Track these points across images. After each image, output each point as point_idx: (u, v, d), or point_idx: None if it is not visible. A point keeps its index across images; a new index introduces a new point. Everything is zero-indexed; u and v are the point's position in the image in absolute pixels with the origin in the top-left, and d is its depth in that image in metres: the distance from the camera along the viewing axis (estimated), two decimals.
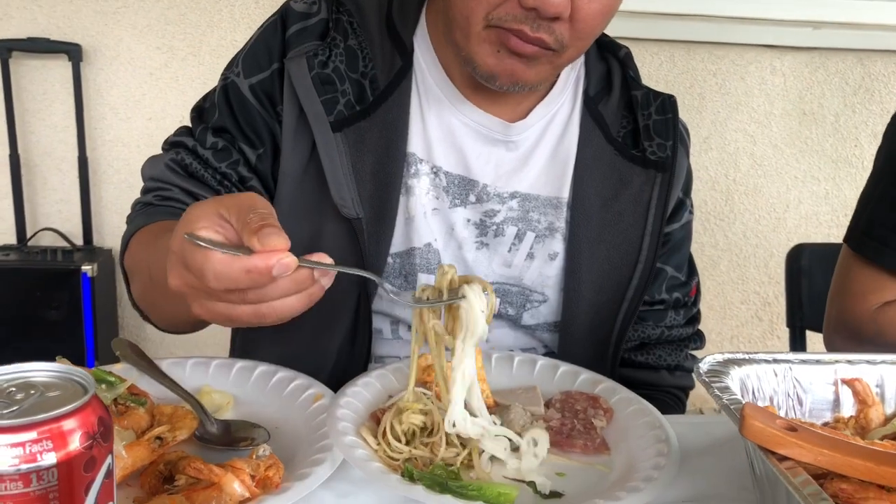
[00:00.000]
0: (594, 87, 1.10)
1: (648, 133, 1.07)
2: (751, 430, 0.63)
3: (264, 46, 1.03)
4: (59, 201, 2.49)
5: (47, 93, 2.41)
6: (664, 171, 1.07)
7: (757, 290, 2.72)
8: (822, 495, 0.57)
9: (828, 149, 2.61)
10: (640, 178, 1.07)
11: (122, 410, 0.77)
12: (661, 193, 1.06)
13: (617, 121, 1.09)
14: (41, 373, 0.51)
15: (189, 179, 1.02)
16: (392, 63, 1.02)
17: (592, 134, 1.08)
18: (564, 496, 0.73)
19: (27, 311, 2.29)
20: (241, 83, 1.02)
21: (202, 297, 0.69)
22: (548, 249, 1.07)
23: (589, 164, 1.07)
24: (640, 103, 1.09)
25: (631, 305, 1.07)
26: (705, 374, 0.74)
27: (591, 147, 1.07)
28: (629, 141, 1.09)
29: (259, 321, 0.68)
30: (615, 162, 1.07)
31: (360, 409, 0.82)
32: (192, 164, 1.02)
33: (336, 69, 1.00)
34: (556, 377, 0.94)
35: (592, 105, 1.09)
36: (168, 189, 1.02)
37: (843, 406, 0.79)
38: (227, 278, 0.64)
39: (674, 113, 1.09)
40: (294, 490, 0.68)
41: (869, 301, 1.11)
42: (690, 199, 1.16)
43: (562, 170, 1.07)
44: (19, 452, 0.45)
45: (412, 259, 1.05)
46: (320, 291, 0.70)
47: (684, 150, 1.13)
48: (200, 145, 1.03)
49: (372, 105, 1.01)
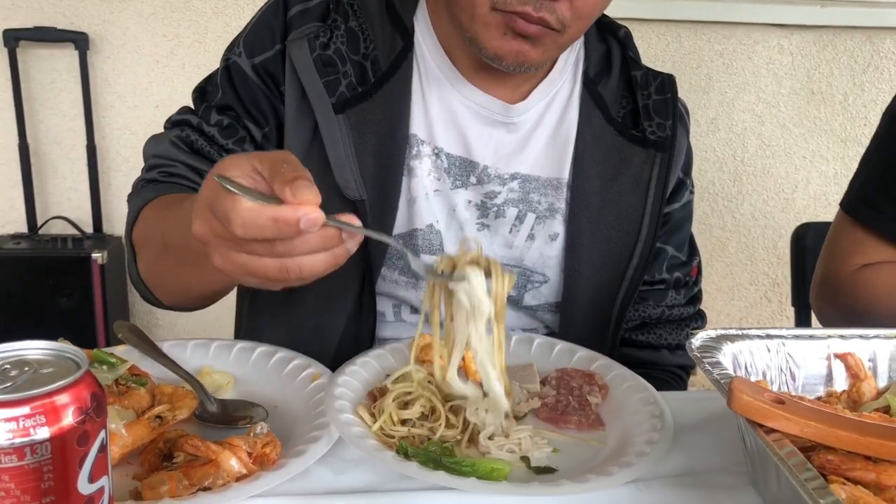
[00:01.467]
0: (594, 68, 1.10)
1: (648, 113, 1.08)
2: (739, 404, 0.63)
3: (266, 27, 1.03)
4: (69, 189, 2.51)
5: (55, 82, 2.43)
6: (664, 150, 1.07)
7: (765, 272, 2.71)
8: (807, 466, 0.57)
9: (836, 128, 2.59)
10: (639, 157, 1.07)
11: (123, 391, 0.79)
12: (660, 173, 1.07)
13: (617, 101, 1.10)
14: (35, 350, 0.52)
15: (194, 156, 1.02)
16: (393, 44, 1.03)
17: (592, 114, 1.08)
18: (558, 471, 0.74)
19: (39, 298, 2.32)
20: (243, 63, 1.03)
21: (225, 247, 0.68)
22: (548, 230, 1.08)
23: (589, 144, 1.07)
24: (640, 83, 1.09)
25: (631, 285, 1.08)
26: (697, 350, 0.75)
27: (591, 127, 1.07)
28: (629, 121, 1.09)
29: (282, 276, 0.67)
30: (615, 142, 1.07)
31: (358, 388, 0.83)
32: (198, 140, 1.02)
33: (337, 51, 1.01)
34: (553, 355, 0.94)
35: (592, 86, 1.09)
36: (173, 165, 1.02)
37: (835, 381, 0.80)
38: (253, 226, 0.63)
39: (673, 92, 1.09)
40: (290, 466, 0.70)
41: (851, 263, 1.12)
42: (691, 179, 1.16)
43: (562, 151, 1.07)
44: (13, 427, 0.47)
45: (414, 240, 1.05)
46: (345, 255, 0.69)
47: (684, 129, 1.13)
48: (205, 122, 1.03)
49: (374, 86, 1.01)
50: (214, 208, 0.66)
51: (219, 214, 0.66)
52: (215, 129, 1.02)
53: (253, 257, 0.67)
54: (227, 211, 0.64)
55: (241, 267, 0.68)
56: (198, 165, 1.01)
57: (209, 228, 0.68)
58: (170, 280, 0.96)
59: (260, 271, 0.67)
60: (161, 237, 0.92)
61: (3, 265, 2.34)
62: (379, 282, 1.05)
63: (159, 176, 1.03)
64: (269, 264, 0.66)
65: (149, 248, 0.98)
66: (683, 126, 1.13)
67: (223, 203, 0.64)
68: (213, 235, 0.68)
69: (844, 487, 0.57)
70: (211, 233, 0.68)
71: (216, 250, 0.69)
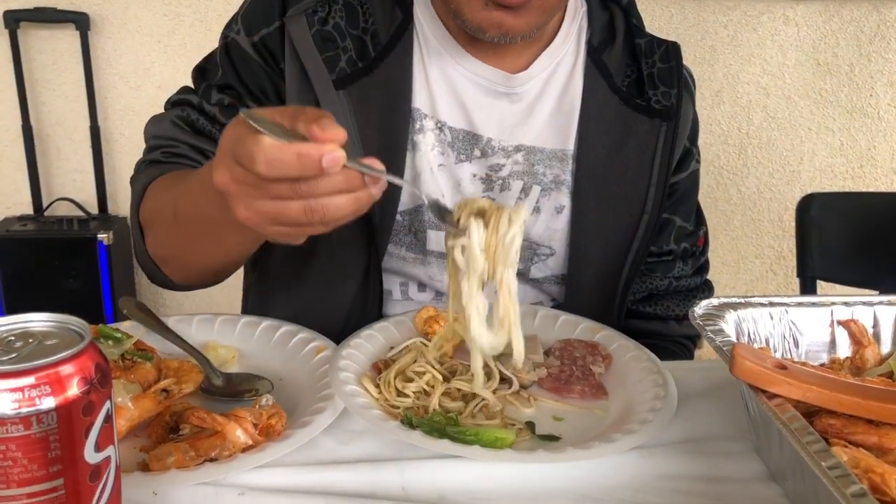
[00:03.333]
0: (597, 37, 1.09)
1: (653, 81, 1.06)
2: (741, 369, 0.63)
3: (264, 3, 1.02)
4: (73, 171, 2.51)
5: (57, 63, 2.43)
6: (669, 119, 1.06)
7: (771, 245, 2.70)
8: (809, 430, 0.57)
9: (842, 99, 2.57)
10: (644, 126, 1.06)
11: (129, 365, 0.79)
12: (665, 143, 1.06)
13: (621, 70, 1.08)
14: (39, 322, 0.53)
15: (197, 136, 1.02)
16: (392, 17, 1.01)
17: (596, 83, 1.06)
18: (561, 439, 0.74)
19: (45, 279, 2.33)
20: (241, 40, 1.02)
21: (249, 196, 0.67)
22: (554, 203, 1.07)
23: (594, 114, 1.06)
24: (644, 51, 1.07)
25: (636, 257, 1.07)
26: (700, 318, 0.75)
27: (596, 97, 1.06)
28: (634, 90, 1.07)
29: (306, 219, 0.67)
30: (620, 111, 1.06)
31: (363, 359, 0.84)
32: (199, 119, 1.02)
33: (336, 26, 1.00)
34: (556, 326, 0.95)
35: (596, 54, 1.08)
36: (175, 146, 1.02)
37: (838, 347, 0.80)
38: (278, 162, 0.63)
39: (677, 60, 1.08)
40: (295, 437, 0.70)
41: None
42: (697, 148, 1.16)
43: (566, 121, 1.06)
44: (19, 397, 0.47)
45: (420, 216, 1.05)
46: (369, 200, 0.68)
47: (689, 97, 1.11)
48: (206, 101, 1.02)
49: (374, 61, 1.00)
50: (237, 152, 0.66)
51: (242, 156, 0.65)
52: (216, 108, 1.02)
53: (277, 202, 0.67)
54: (251, 149, 0.63)
55: (265, 214, 0.68)
56: (200, 145, 1.01)
57: (231, 176, 0.68)
58: (183, 254, 0.96)
59: (285, 216, 0.67)
60: (172, 212, 0.91)
61: (9, 247, 2.35)
62: (385, 258, 1.05)
63: (161, 156, 1.02)
64: (294, 207, 0.66)
65: (158, 224, 0.97)
66: (689, 94, 1.12)
67: (247, 143, 0.64)
68: (236, 183, 0.68)
69: (846, 450, 0.58)
70: (233, 180, 0.68)
71: (240, 200, 0.68)
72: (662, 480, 0.70)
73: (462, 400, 0.79)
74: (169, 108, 1.06)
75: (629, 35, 1.09)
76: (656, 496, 0.68)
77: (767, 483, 0.69)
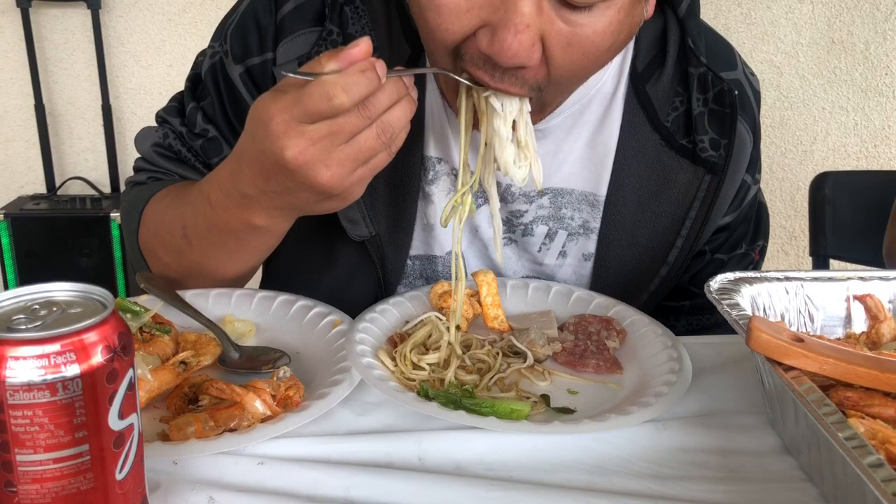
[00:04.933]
0: (643, 59, 0.94)
1: (703, 124, 0.93)
2: (758, 342, 0.64)
3: (254, 24, 0.93)
4: (86, 150, 2.53)
5: (68, 42, 2.43)
6: (714, 173, 0.93)
7: (783, 224, 2.69)
8: (825, 401, 0.58)
9: (857, 78, 2.55)
10: (686, 174, 0.94)
11: (148, 338, 0.80)
12: (706, 198, 0.94)
13: (668, 101, 0.94)
14: (63, 292, 0.53)
15: (180, 165, 1.00)
16: (400, 52, 0.90)
17: (637, 119, 0.94)
18: (576, 412, 0.75)
19: (59, 258, 2.35)
20: (230, 66, 0.95)
21: (327, 150, 0.70)
22: (582, 249, 1.00)
23: (630, 156, 0.95)
24: (697, 85, 0.93)
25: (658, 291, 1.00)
26: (715, 293, 0.75)
27: (635, 136, 0.94)
28: (680, 125, 0.94)
29: (382, 143, 0.72)
30: (660, 154, 0.94)
31: (378, 333, 0.84)
32: (182, 151, 0.99)
33: None
34: (571, 302, 0.95)
35: (639, 84, 0.94)
36: (160, 171, 1.01)
37: (854, 322, 0.80)
38: (352, 84, 0.68)
39: (733, 108, 0.92)
40: (313, 408, 0.71)
41: None
42: (757, 172, 1.02)
43: (600, 162, 0.96)
44: (45, 363, 0.48)
45: (434, 266, 1.01)
46: (413, 103, 0.74)
47: (749, 124, 0.97)
48: (190, 129, 0.98)
49: None
50: (305, 108, 0.69)
51: (314, 105, 0.68)
52: (199, 141, 0.98)
53: (352, 141, 0.71)
54: (325, 90, 0.68)
55: (346, 160, 0.71)
56: (186, 174, 0.99)
57: (307, 139, 0.70)
58: (199, 273, 0.93)
59: (364, 148, 0.71)
60: (181, 234, 0.90)
61: (23, 226, 2.37)
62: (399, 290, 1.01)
63: (148, 181, 1.02)
64: (369, 135, 0.71)
65: (164, 249, 0.95)
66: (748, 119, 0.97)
67: (314, 92, 0.68)
68: (314, 143, 0.70)
69: (863, 421, 0.58)
70: (310, 142, 0.70)
71: (319, 162, 0.71)
72: (677, 453, 0.70)
73: (477, 373, 0.80)
74: (159, 121, 1.03)
75: (682, 58, 0.94)
76: (671, 468, 0.68)
77: (782, 456, 0.70)
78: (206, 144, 0.98)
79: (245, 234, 0.85)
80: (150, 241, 0.97)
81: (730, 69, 0.97)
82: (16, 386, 0.47)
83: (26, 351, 0.47)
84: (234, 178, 0.80)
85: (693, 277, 1.04)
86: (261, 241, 0.89)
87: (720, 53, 0.98)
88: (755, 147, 0.99)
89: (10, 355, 0.47)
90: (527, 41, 0.70)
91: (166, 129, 1.00)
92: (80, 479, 0.50)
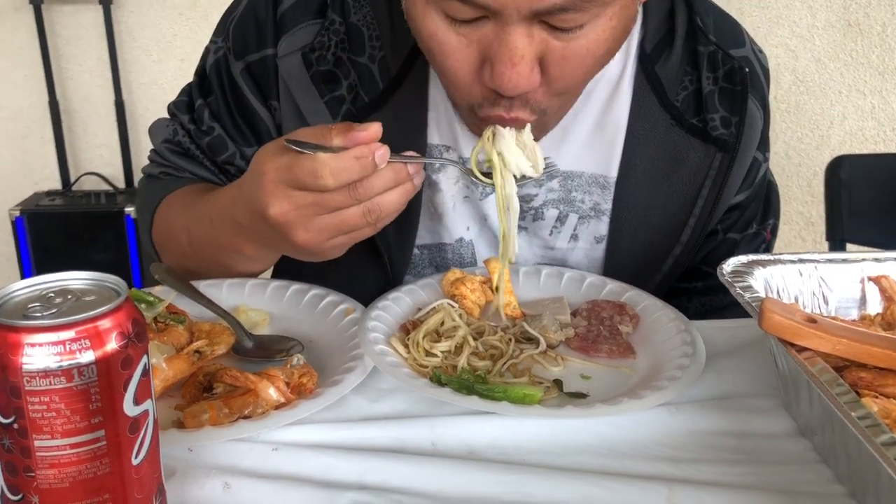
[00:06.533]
0: (651, 39, 0.94)
1: (713, 102, 0.92)
2: (770, 323, 0.63)
3: (253, 19, 0.94)
4: (100, 146, 2.54)
5: (81, 38, 2.45)
6: (725, 151, 0.93)
7: (800, 210, 2.67)
8: (839, 381, 0.57)
9: (874, 60, 2.52)
10: (698, 153, 0.93)
11: (162, 328, 0.81)
12: (717, 177, 0.93)
13: (677, 80, 0.94)
14: (77, 280, 0.54)
15: (191, 161, 1.01)
16: (404, 41, 0.90)
17: (646, 100, 0.94)
18: (589, 396, 0.75)
19: (74, 253, 2.38)
20: (232, 63, 0.95)
21: (308, 217, 0.73)
22: (594, 232, 0.99)
23: (641, 136, 0.94)
24: (706, 64, 0.93)
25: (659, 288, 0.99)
26: (728, 275, 0.75)
27: (644, 116, 0.94)
28: (690, 104, 0.93)
29: (366, 221, 0.73)
30: (671, 133, 0.94)
31: (391, 321, 0.85)
32: (191, 149, 1.01)
33: (338, 61, 0.91)
34: (583, 288, 0.95)
35: (648, 64, 0.94)
36: (172, 167, 1.03)
37: (869, 304, 0.79)
38: (342, 170, 0.70)
39: (744, 86, 0.92)
40: (327, 395, 0.71)
41: None
42: (766, 149, 1.03)
43: (609, 143, 0.95)
44: (60, 350, 0.48)
45: (443, 254, 1.01)
46: (413, 190, 0.75)
47: (759, 100, 0.97)
48: (197, 126, 0.99)
49: (383, 94, 0.91)
50: (295, 176, 0.71)
51: (302, 176, 0.70)
52: (206, 139, 0.99)
53: (336, 214, 0.73)
54: (313, 167, 0.70)
55: (325, 230, 0.74)
56: (197, 171, 1.01)
57: (292, 203, 0.72)
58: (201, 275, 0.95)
59: (346, 223, 0.73)
60: (186, 241, 0.93)
61: (39, 221, 2.39)
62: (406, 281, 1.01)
63: (161, 175, 1.04)
64: (354, 213, 0.73)
65: (172, 251, 0.99)
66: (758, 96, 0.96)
67: (304, 164, 0.70)
68: (297, 208, 0.72)
69: (877, 401, 0.57)
70: (294, 207, 0.72)
71: (299, 225, 0.73)
72: (691, 436, 0.70)
73: (490, 360, 0.80)
74: (171, 115, 1.04)
75: (691, 37, 0.94)
76: (684, 451, 0.68)
77: (796, 438, 0.69)
78: (213, 142, 1.00)
79: (238, 257, 0.89)
80: (160, 241, 1.01)
81: (738, 46, 0.97)
82: (33, 372, 0.48)
83: (42, 338, 0.48)
84: (233, 205, 0.83)
85: (705, 258, 1.03)
86: (253, 265, 0.93)
87: (728, 31, 0.98)
88: (765, 124, 1.00)
89: (26, 342, 0.48)
90: (525, 71, 0.73)
91: (176, 125, 1.02)
92: (97, 465, 0.51)
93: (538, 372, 0.79)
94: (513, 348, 0.81)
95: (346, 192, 0.71)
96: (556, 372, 0.79)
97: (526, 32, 0.71)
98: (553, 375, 0.79)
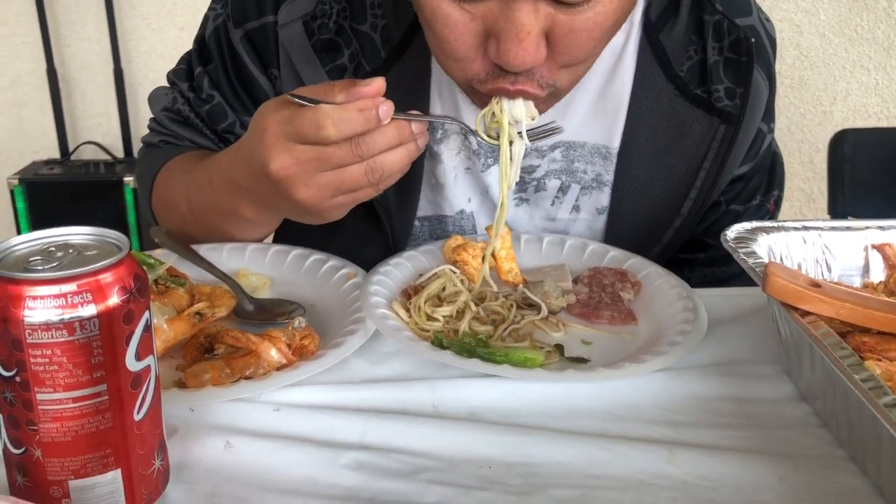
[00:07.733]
0: (656, 7, 0.93)
1: (718, 73, 0.91)
2: (774, 287, 0.63)
3: None
4: (98, 114, 2.53)
5: (80, 4, 2.42)
6: (729, 123, 0.91)
7: (801, 187, 2.66)
8: (842, 345, 0.57)
9: (879, 36, 2.50)
10: (701, 124, 0.92)
11: (163, 290, 0.80)
12: (720, 149, 0.92)
13: (682, 50, 0.92)
14: (78, 235, 0.54)
15: (190, 129, 1.01)
16: (406, 10, 0.88)
17: (650, 70, 0.92)
18: (590, 361, 0.75)
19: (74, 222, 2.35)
20: (231, 30, 0.94)
21: (310, 172, 0.71)
22: (595, 203, 0.99)
23: (644, 107, 0.93)
24: (712, 33, 0.91)
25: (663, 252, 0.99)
26: (732, 242, 0.74)
27: (648, 87, 0.93)
28: (695, 74, 0.92)
29: (367, 180, 0.72)
30: (675, 104, 0.93)
31: (392, 285, 0.85)
32: (190, 117, 1.00)
33: (340, 29, 0.90)
34: (585, 255, 0.94)
35: (653, 33, 0.92)
36: (172, 135, 1.02)
37: (872, 271, 0.79)
38: (345, 120, 0.68)
39: (749, 56, 0.90)
40: (328, 357, 0.71)
41: None
42: (771, 121, 1.01)
43: (612, 113, 0.94)
44: (62, 303, 0.48)
45: (444, 226, 1.00)
46: (417, 151, 0.74)
47: (765, 69, 0.95)
48: (197, 95, 0.99)
49: (385, 63, 0.91)
50: (297, 129, 0.70)
51: (305, 129, 0.69)
52: (206, 107, 0.99)
53: (338, 171, 0.71)
54: (316, 118, 0.68)
55: (326, 186, 0.72)
56: (197, 140, 1.00)
57: (293, 157, 0.71)
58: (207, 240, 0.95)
59: (348, 181, 0.72)
60: (186, 208, 0.93)
61: (38, 190, 2.38)
62: None
63: (160, 143, 1.03)
64: (356, 170, 0.71)
65: (172, 217, 0.98)
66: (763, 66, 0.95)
67: (305, 116, 0.69)
68: (298, 163, 0.71)
69: (879, 364, 0.57)
70: (295, 161, 0.71)
71: (300, 181, 0.72)
72: (691, 400, 0.70)
73: (491, 325, 0.80)
74: (170, 84, 1.03)
75: (696, 6, 0.92)
76: (684, 415, 0.68)
77: (797, 403, 0.70)
78: (212, 110, 0.99)
79: (237, 221, 0.89)
80: (160, 209, 1.01)
81: (745, 15, 0.96)
82: (34, 325, 0.48)
83: (44, 290, 0.48)
84: (231, 166, 0.83)
85: (708, 229, 1.03)
86: (253, 231, 0.92)
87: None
88: (771, 95, 0.98)
89: (27, 294, 0.48)
90: (531, 47, 0.71)
91: (175, 93, 1.02)
92: (99, 419, 0.51)
93: (539, 337, 0.79)
94: (514, 314, 0.81)
95: (348, 148, 0.70)
96: (558, 337, 0.79)
97: (532, 8, 0.70)
98: (554, 340, 0.79)
